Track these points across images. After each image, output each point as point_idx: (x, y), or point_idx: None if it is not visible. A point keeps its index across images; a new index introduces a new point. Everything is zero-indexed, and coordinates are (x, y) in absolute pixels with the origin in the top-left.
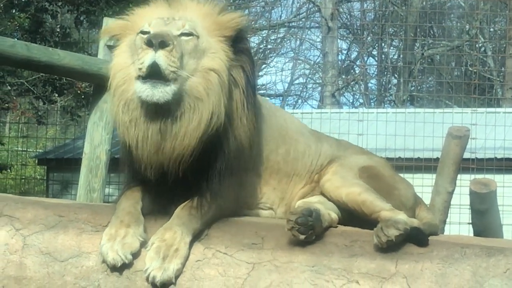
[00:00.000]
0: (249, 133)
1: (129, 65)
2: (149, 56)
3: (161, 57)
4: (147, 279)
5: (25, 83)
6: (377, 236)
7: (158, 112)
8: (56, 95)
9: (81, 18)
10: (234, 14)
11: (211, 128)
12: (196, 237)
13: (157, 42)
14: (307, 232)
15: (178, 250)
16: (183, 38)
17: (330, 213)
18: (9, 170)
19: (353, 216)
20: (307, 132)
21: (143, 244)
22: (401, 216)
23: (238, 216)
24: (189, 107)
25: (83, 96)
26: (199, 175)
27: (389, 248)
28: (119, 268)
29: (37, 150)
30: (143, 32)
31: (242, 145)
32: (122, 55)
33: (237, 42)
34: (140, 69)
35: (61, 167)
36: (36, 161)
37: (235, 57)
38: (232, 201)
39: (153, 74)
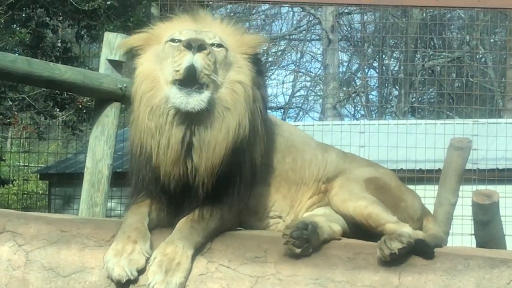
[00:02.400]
0: (263, 147)
1: (157, 72)
2: (187, 58)
3: (199, 60)
4: None
5: (27, 98)
6: (380, 249)
7: (186, 120)
8: (58, 110)
9: (82, 33)
10: (256, 35)
11: (238, 139)
12: (199, 250)
13: (196, 45)
14: (303, 245)
15: (180, 264)
16: (214, 48)
17: (332, 225)
18: (11, 185)
19: (361, 229)
20: (313, 143)
21: (149, 260)
22: (406, 229)
23: (246, 227)
24: (218, 116)
25: (84, 111)
26: (220, 187)
27: (392, 261)
28: (123, 284)
29: (39, 165)
30: (173, 40)
31: (257, 158)
32: (147, 63)
33: (256, 62)
34: (176, 71)
35: (63, 182)
36: (38, 176)
37: (255, 75)
38: (235, 214)
39: (188, 77)
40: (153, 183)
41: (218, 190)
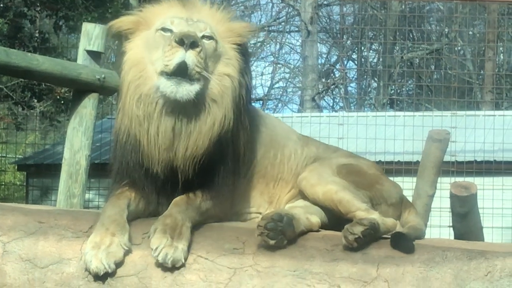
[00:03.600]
0: (246, 138)
1: (145, 60)
2: (178, 55)
3: (191, 57)
4: (156, 261)
5: (4, 88)
6: (344, 237)
7: (174, 109)
8: (35, 100)
9: (60, 23)
10: (245, 23)
11: (223, 131)
12: (195, 227)
13: (189, 42)
14: (277, 237)
15: (182, 234)
16: (205, 40)
17: (309, 217)
18: None
19: (339, 220)
20: (295, 137)
21: (127, 253)
22: (374, 215)
23: (227, 221)
24: (204, 108)
25: (62, 102)
26: (203, 175)
27: (360, 246)
28: (101, 276)
29: (17, 156)
30: (164, 29)
31: (240, 149)
32: (136, 49)
33: (244, 52)
34: (166, 65)
35: (41, 173)
36: (16, 167)
37: (243, 65)
38: (227, 206)
39: (179, 72)
40: (138, 169)
41: (202, 178)
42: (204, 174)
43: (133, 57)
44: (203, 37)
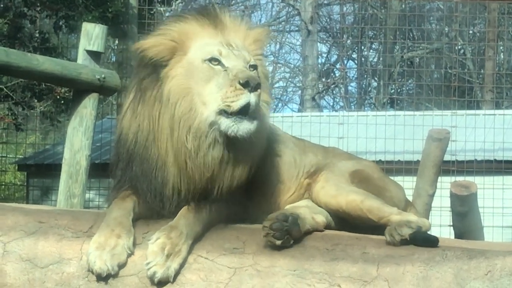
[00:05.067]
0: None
1: (192, 91)
2: (244, 97)
3: (254, 99)
4: (147, 273)
5: (4, 88)
6: (390, 235)
7: (225, 142)
8: (36, 100)
9: (60, 23)
10: (262, 28)
11: (261, 154)
12: (197, 241)
13: (254, 84)
14: (283, 237)
15: (181, 252)
16: (258, 80)
17: (315, 217)
18: None
19: (347, 222)
20: (292, 144)
21: (129, 256)
22: (412, 217)
23: None
24: (251, 139)
25: (62, 102)
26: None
27: (401, 245)
28: (103, 277)
29: (17, 156)
30: (212, 60)
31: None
32: (180, 79)
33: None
34: (229, 106)
35: (41, 173)
36: (16, 167)
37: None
38: (230, 216)
39: (241, 114)
40: (158, 190)
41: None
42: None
43: (179, 87)
44: (250, 67)
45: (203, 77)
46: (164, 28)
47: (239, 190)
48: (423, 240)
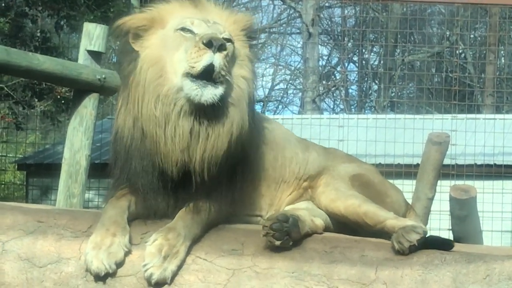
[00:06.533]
0: (255, 141)
1: (164, 59)
2: (207, 57)
3: (218, 60)
4: (144, 274)
5: (5, 88)
6: (398, 242)
7: (194, 111)
8: (36, 100)
9: (62, 23)
10: (246, 13)
11: (241, 134)
12: (195, 242)
13: (217, 44)
14: (283, 238)
15: (178, 253)
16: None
17: (314, 219)
18: None
19: (347, 226)
20: (295, 140)
21: (127, 254)
22: (410, 222)
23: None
24: (223, 111)
25: (63, 101)
26: (215, 179)
27: (410, 252)
28: (101, 277)
29: (17, 155)
30: (184, 29)
31: (251, 152)
32: (154, 48)
33: (251, 45)
34: (192, 67)
35: (40, 173)
36: (16, 166)
37: (253, 62)
38: (230, 211)
39: (204, 74)
40: (150, 172)
41: (214, 182)
42: (217, 178)
43: (151, 55)
44: (223, 39)
45: (174, 45)
46: (147, 8)
47: (227, 177)
48: (441, 243)
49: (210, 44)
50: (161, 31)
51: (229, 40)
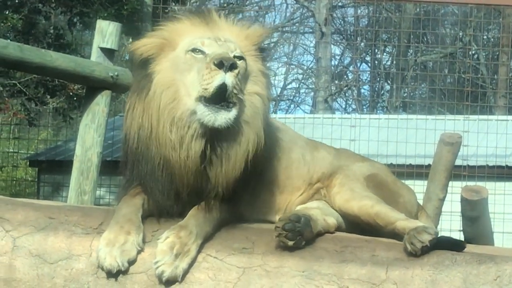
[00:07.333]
0: (265, 148)
1: (177, 83)
2: (219, 77)
3: (230, 79)
4: (155, 271)
5: (18, 84)
6: (411, 243)
7: (207, 134)
8: (48, 96)
9: (75, 20)
10: (259, 27)
11: (256, 151)
12: (206, 240)
13: (228, 64)
14: (295, 238)
15: (190, 251)
16: (237, 61)
17: (326, 218)
18: (0, 171)
19: (359, 226)
20: (302, 142)
21: (139, 252)
22: (420, 223)
23: None
24: (238, 131)
25: (75, 98)
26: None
27: (422, 253)
28: (113, 274)
29: (29, 152)
30: (194, 51)
31: (260, 161)
32: (166, 72)
33: (264, 58)
34: (205, 89)
35: (52, 169)
36: (28, 163)
37: (267, 77)
38: (240, 214)
39: (217, 95)
40: (166, 189)
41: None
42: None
43: (164, 80)
44: (234, 57)
45: (186, 67)
46: (158, 28)
47: (239, 187)
48: (452, 244)
49: (221, 64)
50: (172, 54)
51: (240, 58)
